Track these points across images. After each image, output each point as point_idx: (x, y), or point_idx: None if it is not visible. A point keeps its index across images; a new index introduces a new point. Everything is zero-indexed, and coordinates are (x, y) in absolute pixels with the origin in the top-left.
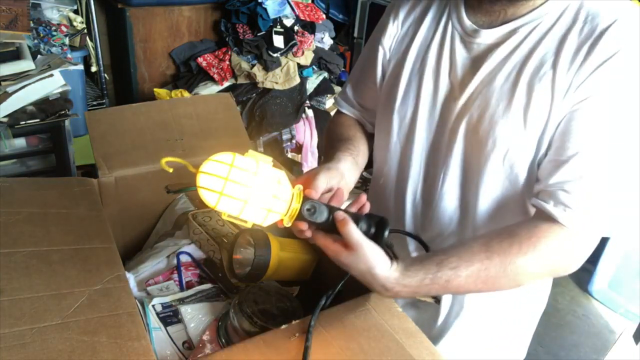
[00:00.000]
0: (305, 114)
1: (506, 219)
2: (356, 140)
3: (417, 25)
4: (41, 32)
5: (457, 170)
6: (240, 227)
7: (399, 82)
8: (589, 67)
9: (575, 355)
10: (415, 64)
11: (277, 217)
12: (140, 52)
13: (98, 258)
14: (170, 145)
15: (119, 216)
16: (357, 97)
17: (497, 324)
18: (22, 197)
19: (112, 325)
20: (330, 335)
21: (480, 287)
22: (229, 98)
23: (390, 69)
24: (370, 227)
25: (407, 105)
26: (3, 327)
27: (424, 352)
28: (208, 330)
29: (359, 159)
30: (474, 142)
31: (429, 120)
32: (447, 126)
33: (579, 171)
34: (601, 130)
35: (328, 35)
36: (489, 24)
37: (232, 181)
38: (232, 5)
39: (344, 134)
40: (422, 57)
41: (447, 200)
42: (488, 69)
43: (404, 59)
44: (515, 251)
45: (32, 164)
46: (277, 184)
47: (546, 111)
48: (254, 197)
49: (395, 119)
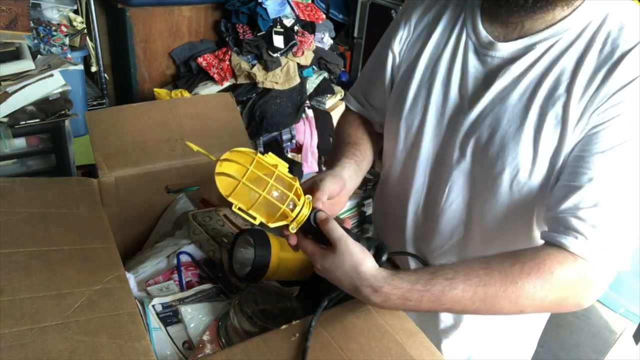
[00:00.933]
0: (305, 114)
1: (511, 243)
2: (363, 144)
3: (430, 29)
4: (41, 32)
5: (462, 187)
6: (240, 227)
7: (408, 90)
8: (606, 92)
9: (575, 355)
10: (426, 71)
11: (284, 221)
12: (140, 52)
13: (98, 258)
14: (170, 145)
15: (119, 216)
16: (367, 95)
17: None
18: (22, 197)
19: (112, 326)
20: (330, 335)
21: (478, 305)
22: (229, 98)
23: (400, 74)
24: (369, 250)
25: (415, 114)
26: (3, 327)
27: (424, 352)
28: (208, 330)
29: (363, 164)
30: (482, 162)
31: (436, 132)
32: (455, 141)
33: (594, 198)
34: (618, 157)
35: (328, 35)
36: (505, 36)
37: (254, 171)
38: (232, 5)
39: (351, 136)
40: (433, 64)
41: (450, 215)
42: (501, 85)
43: (414, 66)
44: (517, 271)
45: (32, 164)
46: (292, 188)
47: (557, 136)
48: (270, 192)
49: (402, 126)
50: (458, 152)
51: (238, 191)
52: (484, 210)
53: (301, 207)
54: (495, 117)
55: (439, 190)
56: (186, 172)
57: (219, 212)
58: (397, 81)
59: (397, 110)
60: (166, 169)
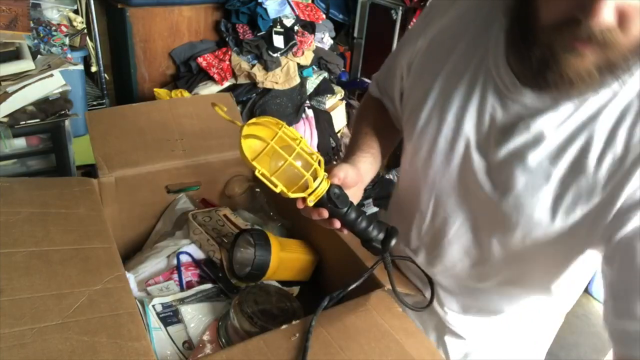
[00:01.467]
0: (305, 114)
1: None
2: (382, 134)
3: (449, 49)
4: (41, 32)
5: (469, 228)
6: (240, 227)
7: (420, 114)
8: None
9: (575, 355)
10: (439, 98)
11: (303, 192)
12: (140, 52)
13: (98, 258)
14: (171, 145)
15: (119, 216)
16: (385, 84)
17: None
18: (22, 197)
19: (112, 326)
20: (330, 335)
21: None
22: (229, 98)
23: (413, 92)
24: (380, 233)
25: (424, 140)
26: (3, 327)
27: (424, 353)
28: (208, 330)
29: (380, 157)
30: (491, 213)
31: (444, 166)
32: (465, 183)
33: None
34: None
35: (328, 35)
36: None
37: (282, 136)
38: (232, 5)
39: (371, 125)
40: (448, 92)
41: (456, 249)
42: (521, 140)
43: (430, 87)
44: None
45: (32, 164)
46: (313, 160)
47: (581, 213)
48: (296, 159)
49: (413, 146)
50: (466, 192)
51: (262, 157)
52: (491, 255)
53: (321, 181)
54: (511, 173)
55: (444, 223)
56: (186, 172)
57: (219, 212)
58: (411, 96)
59: (409, 127)
60: (166, 169)
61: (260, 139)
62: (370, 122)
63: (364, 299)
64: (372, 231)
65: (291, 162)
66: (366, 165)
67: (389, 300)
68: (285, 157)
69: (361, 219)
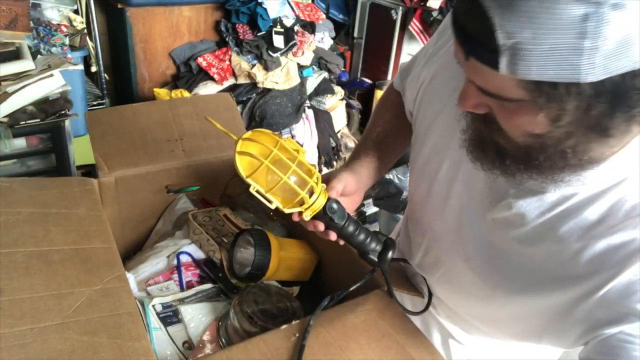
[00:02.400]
0: (305, 114)
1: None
2: (396, 135)
3: (449, 96)
4: (41, 32)
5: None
6: (240, 227)
7: (422, 149)
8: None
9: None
10: (440, 140)
11: (299, 207)
12: (140, 52)
13: (98, 258)
14: (170, 145)
15: (119, 216)
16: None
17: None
18: (22, 197)
19: (113, 326)
20: (330, 335)
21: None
22: (229, 98)
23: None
24: (377, 245)
25: (425, 177)
26: (3, 327)
27: (424, 353)
28: (208, 330)
29: (388, 159)
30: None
31: (440, 211)
32: (457, 231)
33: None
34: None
35: (328, 35)
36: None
37: (277, 153)
38: (232, 5)
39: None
40: (443, 143)
41: (447, 288)
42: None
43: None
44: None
45: (32, 164)
46: (311, 174)
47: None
48: (290, 178)
49: (416, 176)
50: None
51: (257, 173)
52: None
53: (318, 196)
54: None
55: (439, 262)
56: (186, 172)
57: (219, 212)
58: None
59: (415, 150)
60: (166, 169)
61: (255, 157)
62: (386, 121)
63: (363, 299)
64: (369, 244)
65: (286, 180)
66: (369, 171)
67: (389, 300)
68: (280, 176)
69: (358, 231)
